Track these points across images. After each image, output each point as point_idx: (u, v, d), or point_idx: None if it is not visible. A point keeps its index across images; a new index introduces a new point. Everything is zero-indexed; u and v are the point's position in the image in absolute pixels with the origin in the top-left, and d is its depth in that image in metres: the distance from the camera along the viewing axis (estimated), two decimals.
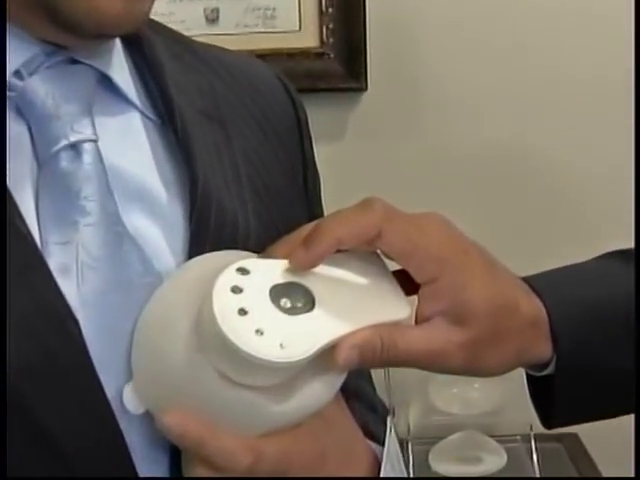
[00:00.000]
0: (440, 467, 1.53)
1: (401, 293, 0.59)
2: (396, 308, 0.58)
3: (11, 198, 0.54)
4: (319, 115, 1.56)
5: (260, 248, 0.60)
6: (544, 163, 1.53)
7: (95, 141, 0.58)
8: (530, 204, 1.54)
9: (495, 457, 1.54)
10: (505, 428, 1.58)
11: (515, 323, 0.59)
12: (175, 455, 0.57)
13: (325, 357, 0.55)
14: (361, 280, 0.58)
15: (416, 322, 0.58)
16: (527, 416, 0.69)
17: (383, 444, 0.66)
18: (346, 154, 1.55)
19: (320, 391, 0.56)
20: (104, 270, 0.55)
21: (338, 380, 0.58)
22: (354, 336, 0.55)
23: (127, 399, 0.55)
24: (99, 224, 0.56)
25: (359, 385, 0.75)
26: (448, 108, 1.52)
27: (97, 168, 0.57)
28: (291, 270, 0.56)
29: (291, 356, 0.52)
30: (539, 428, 0.71)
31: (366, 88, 1.50)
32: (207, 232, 0.60)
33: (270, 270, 0.55)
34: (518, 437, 1.58)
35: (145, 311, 0.56)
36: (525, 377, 0.67)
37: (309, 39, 1.50)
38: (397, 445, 0.67)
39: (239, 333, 0.51)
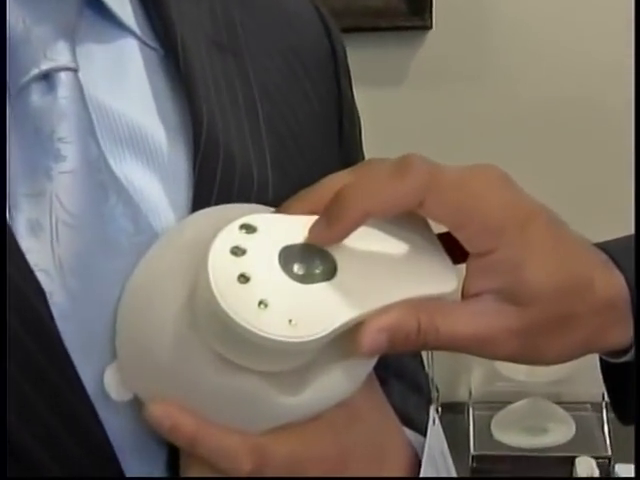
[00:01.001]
0: (503, 436, 1.45)
1: (447, 261, 0.48)
2: (440, 280, 0.48)
3: None
4: (380, 56, 1.50)
5: (280, 203, 0.50)
6: (616, 112, 1.43)
7: (74, 70, 0.48)
8: (601, 154, 1.46)
9: (563, 427, 1.47)
10: (574, 395, 1.50)
11: (586, 306, 0.48)
12: (174, 450, 0.47)
13: (348, 338, 0.45)
14: (397, 243, 0.48)
15: (462, 297, 0.48)
16: (599, 383, 0.59)
17: (425, 433, 0.56)
18: (409, 98, 1.49)
19: (341, 381, 0.46)
20: (84, 228, 0.46)
21: (365, 367, 0.47)
22: (384, 316, 0.45)
23: (109, 384, 0.45)
24: (78, 172, 0.46)
25: (400, 360, 0.65)
26: (518, 49, 1.43)
27: (76, 103, 0.47)
28: (307, 229, 0.45)
29: (302, 336, 0.42)
30: None
31: (431, 26, 1.44)
32: (213, 184, 0.50)
33: (283, 228, 0.45)
34: (588, 405, 1.50)
35: (131, 278, 0.46)
36: (599, 364, 0.56)
37: None
38: (443, 439, 0.57)
39: (237, 305, 0.41)
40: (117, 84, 0.51)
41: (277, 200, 0.50)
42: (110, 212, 0.47)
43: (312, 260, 0.44)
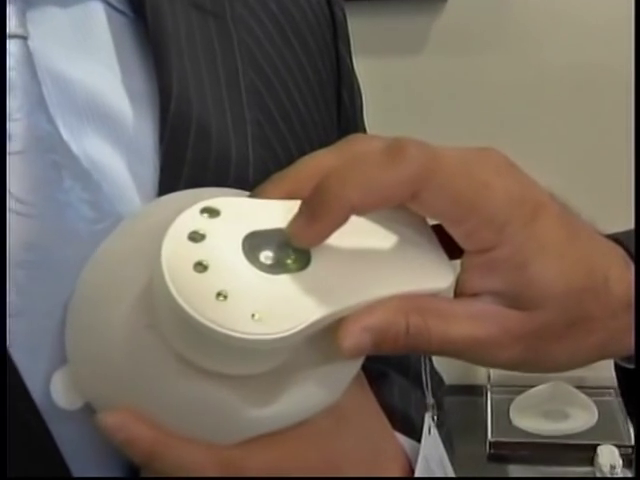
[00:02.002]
0: (521, 422, 1.40)
1: (442, 253, 0.43)
2: (433, 274, 0.42)
3: None
4: (396, 26, 1.45)
5: None
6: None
7: (23, 38, 0.43)
8: (623, 119, 1.39)
9: (584, 413, 1.42)
10: (597, 380, 1.45)
11: (601, 308, 0.42)
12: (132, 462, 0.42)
13: (328, 338, 0.39)
14: (384, 232, 0.42)
15: (455, 296, 0.42)
16: None
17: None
18: (425, 70, 1.45)
19: (320, 387, 0.41)
20: (36, 216, 0.41)
21: (348, 371, 0.42)
22: (368, 313, 0.39)
23: (57, 390, 0.41)
24: (27, 152, 0.41)
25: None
26: (537, 16, 1.39)
27: (23, 74, 0.42)
28: (282, 214, 0.40)
29: (267, 332, 0.36)
30: None
31: None
32: (182, 163, 0.45)
33: (250, 213, 0.40)
34: (611, 390, 1.45)
35: (84, 270, 0.41)
36: (613, 365, 0.51)
37: None
38: (441, 449, 0.51)
39: (192, 295, 0.36)
40: (78, 52, 0.46)
41: (259, 182, 0.45)
42: (65, 197, 0.42)
43: (283, 248, 0.39)
